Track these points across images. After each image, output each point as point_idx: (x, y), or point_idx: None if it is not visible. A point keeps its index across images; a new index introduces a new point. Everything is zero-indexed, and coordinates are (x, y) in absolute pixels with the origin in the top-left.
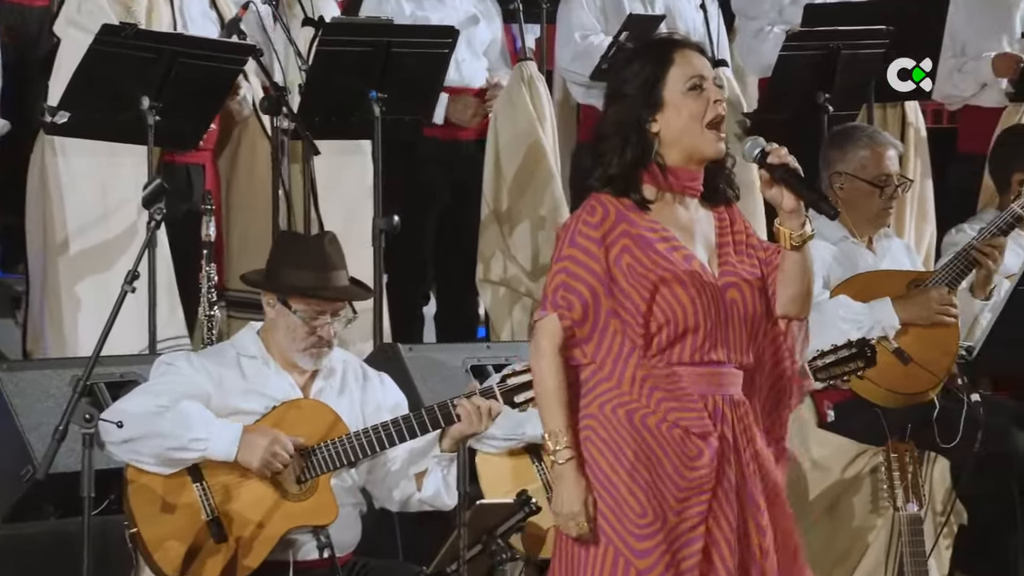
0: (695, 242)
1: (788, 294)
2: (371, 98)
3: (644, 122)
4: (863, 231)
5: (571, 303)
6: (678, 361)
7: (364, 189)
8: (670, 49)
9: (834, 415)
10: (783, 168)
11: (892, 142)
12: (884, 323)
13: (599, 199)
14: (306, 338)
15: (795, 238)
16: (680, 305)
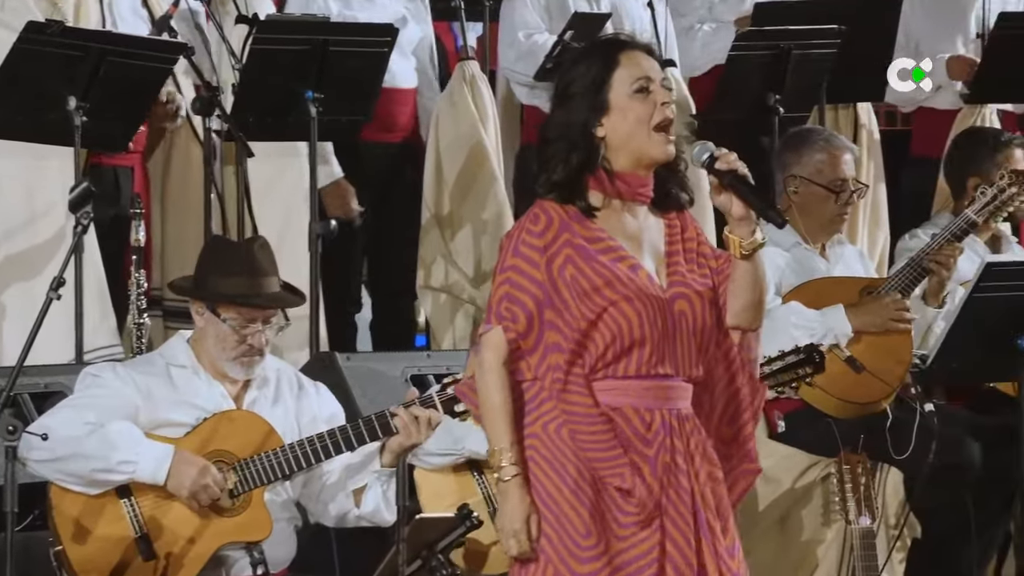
0: (643, 251)
1: (739, 304)
2: (307, 98)
3: (590, 126)
4: (816, 237)
5: (515, 315)
6: (624, 375)
7: (302, 192)
8: (616, 50)
9: (784, 425)
10: (731, 174)
11: (848, 146)
12: (837, 330)
13: (543, 207)
14: (236, 347)
15: (745, 246)
16: (625, 318)
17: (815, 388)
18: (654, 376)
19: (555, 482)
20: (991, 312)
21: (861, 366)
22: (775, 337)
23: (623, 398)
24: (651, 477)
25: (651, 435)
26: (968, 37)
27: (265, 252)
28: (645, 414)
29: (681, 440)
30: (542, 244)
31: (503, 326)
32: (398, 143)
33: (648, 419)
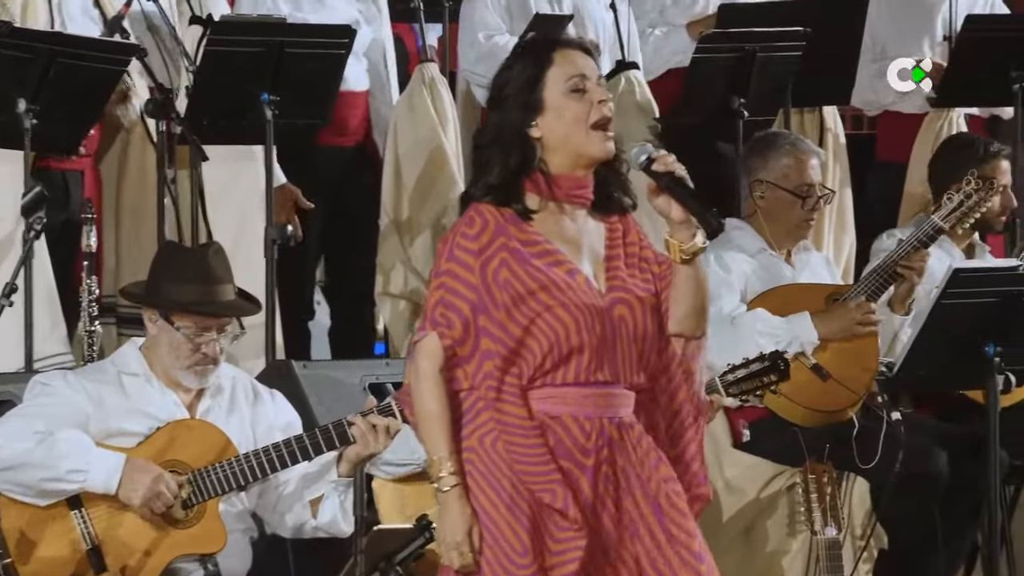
0: (581, 255)
1: (681, 310)
2: (263, 101)
3: (525, 127)
4: (782, 243)
5: (451, 321)
6: (563, 382)
7: (258, 197)
8: (549, 49)
9: (749, 434)
10: (669, 176)
11: (815, 150)
12: (803, 338)
13: (478, 209)
14: (190, 355)
15: (685, 250)
16: (561, 324)
17: (780, 397)
18: (593, 383)
19: (491, 498)
20: (958, 319)
21: (827, 374)
22: (740, 345)
23: (562, 407)
24: (588, 488)
25: (590, 445)
26: (935, 40)
27: (219, 258)
28: (585, 423)
29: (624, 449)
30: (477, 247)
31: (438, 332)
32: (351, 147)
33: (588, 428)
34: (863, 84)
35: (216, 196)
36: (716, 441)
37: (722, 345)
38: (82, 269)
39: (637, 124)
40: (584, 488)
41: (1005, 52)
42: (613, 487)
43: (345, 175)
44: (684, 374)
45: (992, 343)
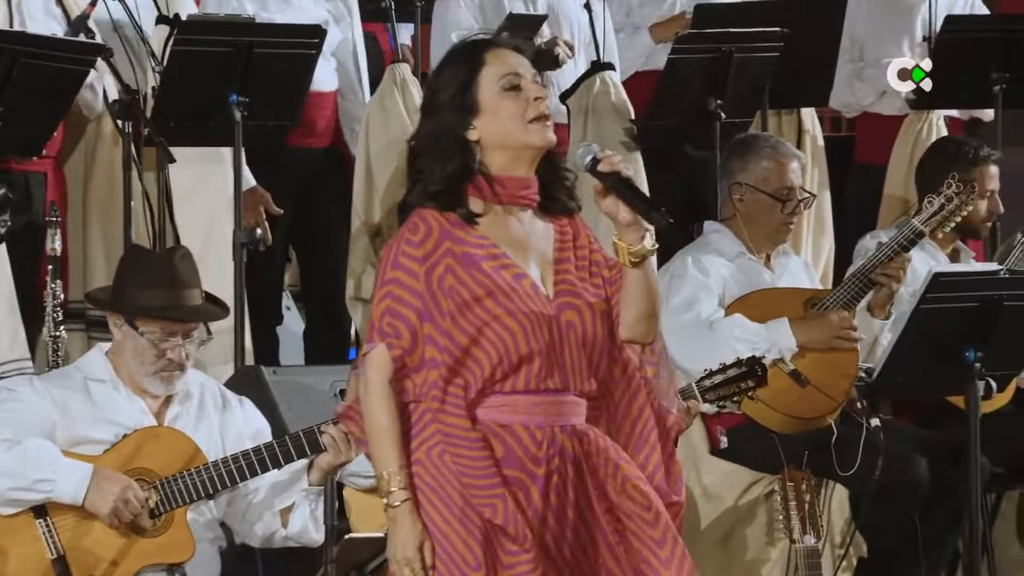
0: (528, 259)
1: (632, 315)
2: (231, 102)
3: (461, 130)
4: (761, 247)
5: (398, 330)
6: (512, 390)
7: (226, 200)
8: (481, 51)
9: (727, 441)
10: (615, 177)
11: (795, 154)
12: (781, 345)
13: (422, 215)
14: (155, 362)
15: (634, 253)
16: (509, 333)
17: (759, 403)
18: (543, 391)
19: (442, 512)
20: (939, 323)
21: (806, 380)
22: (718, 351)
23: (512, 415)
24: (539, 499)
25: (541, 454)
26: (914, 41)
27: (186, 262)
28: (536, 432)
29: (576, 459)
30: (422, 254)
31: (386, 343)
32: (321, 148)
33: (539, 437)
34: (841, 86)
35: (184, 199)
36: (694, 448)
37: (700, 350)
38: (46, 273)
39: (612, 126)
40: (535, 498)
41: (985, 53)
42: (566, 497)
43: (314, 177)
44: (642, 380)
45: (973, 348)
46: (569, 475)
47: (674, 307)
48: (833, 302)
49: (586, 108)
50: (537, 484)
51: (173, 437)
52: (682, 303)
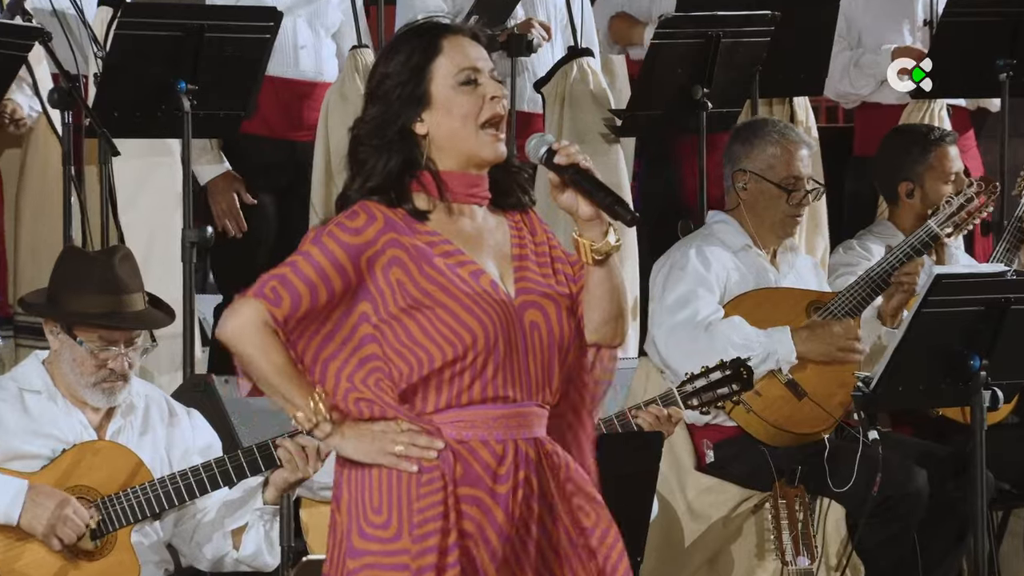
0: (483, 255)
1: (597, 317)
2: (180, 90)
3: (408, 123)
4: (767, 240)
5: (279, 296)
6: (468, 402)
7: (175, 196)
8: (438, 36)
9: (714, 455)
10: (573, 168)
11: (805, 140)
12: (780, 355)
13: (365, 205)
14: (95, 372)
15: (596, 250)
16: (467, 330)
17: (750, 413)
18: (503, 402)
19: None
20: (942, 329)
21: (803, 392)
22: (712, 355)
23: (469, 430)
24: (504, 518)
25: (504, 470)
26: (915, 25)
27: (127, 264)
28: (496, 446)
29: (543, 473)
30: (359, 241)
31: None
32: (308, 143)
33: (500, 452)
34: (837, 74)
35: (128, 195)
36: (678, 462)
37: (693, 353)
38: None
39: (591, 116)
40: (499, 518)
41: (990, 38)
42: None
43: (299, 172)
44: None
45: (977, 355)
46: (536, 489)
47: (670, 303)
48: (838, 308)
49: (562, 97)
50: (501, 503)
51: (115, 452)
52: (679, 299)
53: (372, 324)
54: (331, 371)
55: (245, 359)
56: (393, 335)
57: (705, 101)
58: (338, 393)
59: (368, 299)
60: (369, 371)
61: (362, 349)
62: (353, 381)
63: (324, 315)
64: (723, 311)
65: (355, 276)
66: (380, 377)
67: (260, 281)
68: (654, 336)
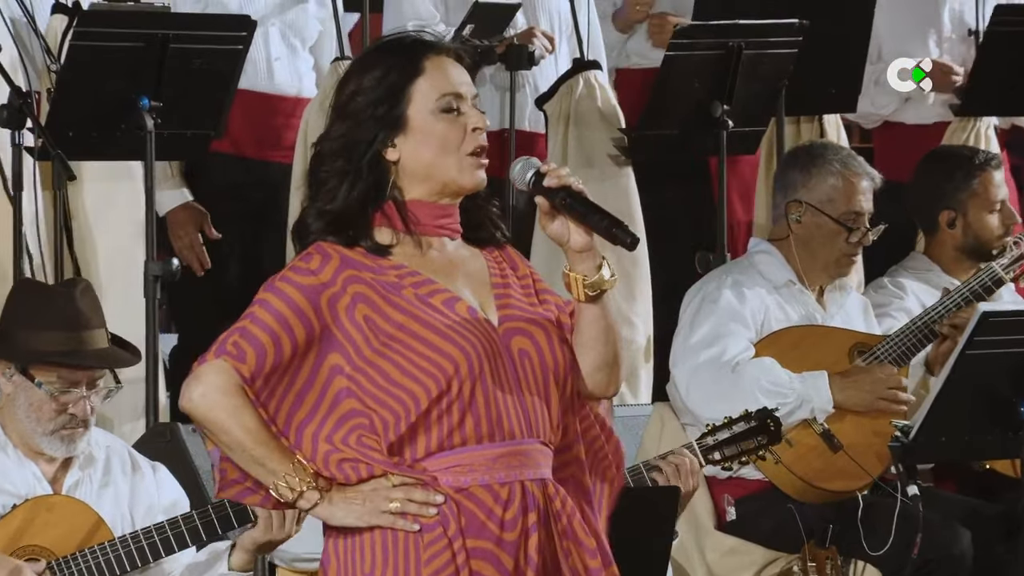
0: (458, 283)
1: (588, 362)
2: (142, 107)
3: (379, 147)
4: (815, 278)
5: (243, 352)
6: (462, 443)
7: (137, 224)
8: (419, 55)
9: (736, 513)
10: (564, 192)
11: (869, 172)
12: (815, 403)
13: (320, 247)
14: (55, 417)
15: (589, 286)
16: (447, 359)
17: (779, 465)
18: (501, 438)
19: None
20: (988, 372)
21: (839, 444)
22: (738, 400)
23: (467, 474)
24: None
25: (511, 515)
26: (942, 35)
27: (87, 298)
28: (500, 489)
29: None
30: (314, 282)
31: (224, 359)
32: (288, 164)
33: (505, 495)
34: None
35: (85, 223)
36: (696, 521)
37: (717, 396)
38: None
39: (599, 136)
40: (509, 568)
41: None
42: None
43: (272, 197)
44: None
45: None
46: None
47: (696, 340)
48: (885, 353)
49: (567, 115)
50: (509, 552)
51: (71, 508)
52: (706, 336)
53: (346, 375)
54: (307, 435)
55: (215, 427)
56: (370, 382)
57: (725, 119)
58: (318, 458)
59: (337, 349)
60: (350, 429)
61: (339, 407)
62: (333, 442)
63: (291, 371)
64: (754, 351)
65: (317, 321)
66: (363, 433)
67: (218, 341)
68: (675, 377)
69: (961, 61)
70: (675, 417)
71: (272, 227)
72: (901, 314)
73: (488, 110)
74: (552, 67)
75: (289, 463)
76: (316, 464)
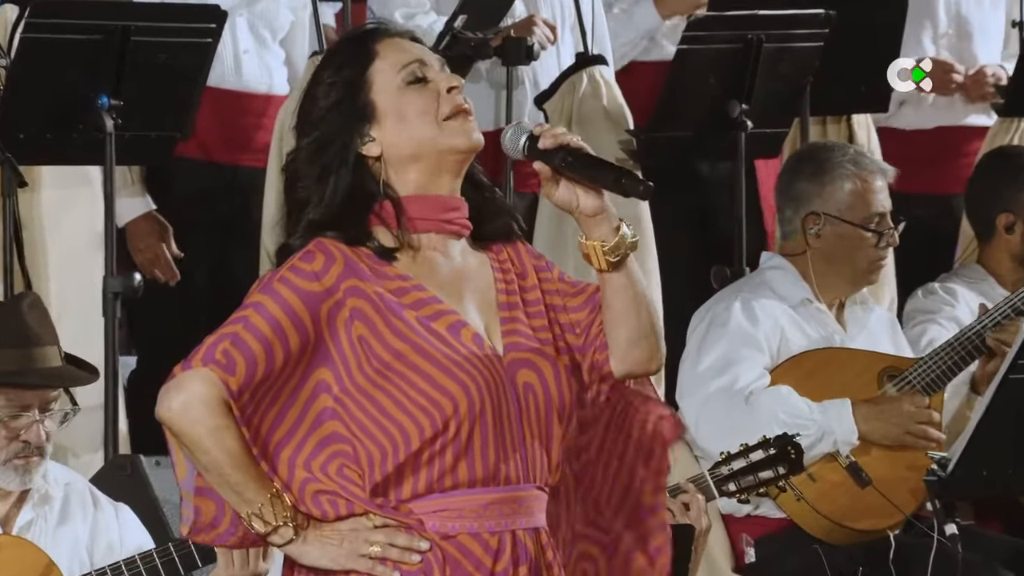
0: (465, 303)
1: (623, 339)
2: (101, 106)
3: (355, 144)
4: (835, 291)
5: (233, 362)
6: (453, 486)
7: (95, 235)
8: (369, 41)
9: (755, 554)
10: (563, 152)
11: (880, 167)
12: (838, 435)
13: (322, 244)
14: (6, 446)
15: (610, 251)
16: (447, 396)
17: (801, 502)
18: (496, 483)
19: None
20: None
21: (867, 479)
22: (751, 432)
23: (456, 520)
24: None
25: (501, 567)
26: (937, 31)
27: (36, 312)
28: (490, 539)
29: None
30: (317, 288)
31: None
32: (260, 168)
33: (495, 545)
34: None
35: (38, 233)
36: (712, 563)
37: (728, 429)
38: None
39: (605, 137)
40: None
41: None
42: None
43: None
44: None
45: None
46: None
47: (704, 368)
48: (918, 376)
49: (569, 114)
50: None
51: (20, 550)
52: (716, 363)
53: (333, 396)
54: (283, 459)
55: (193, 444)
56: (360, 410)
57: (744, 120)
58: (294, 485)
59: (328, 365)
60: (331, 455)
61: (321, 427)
62: (311, 468)
63: (279, 382)
64: (769, 378)
65: (313, 333)
66: (344, 463)
67: (206, 345)
68: (683, 409)
69: (959, 58)
70: (687, 446)
71: (243, 238)
72: (950, 323)
73: (483, 110)
74: (554, 61)
75: (267, 493)
76: (292, 493)
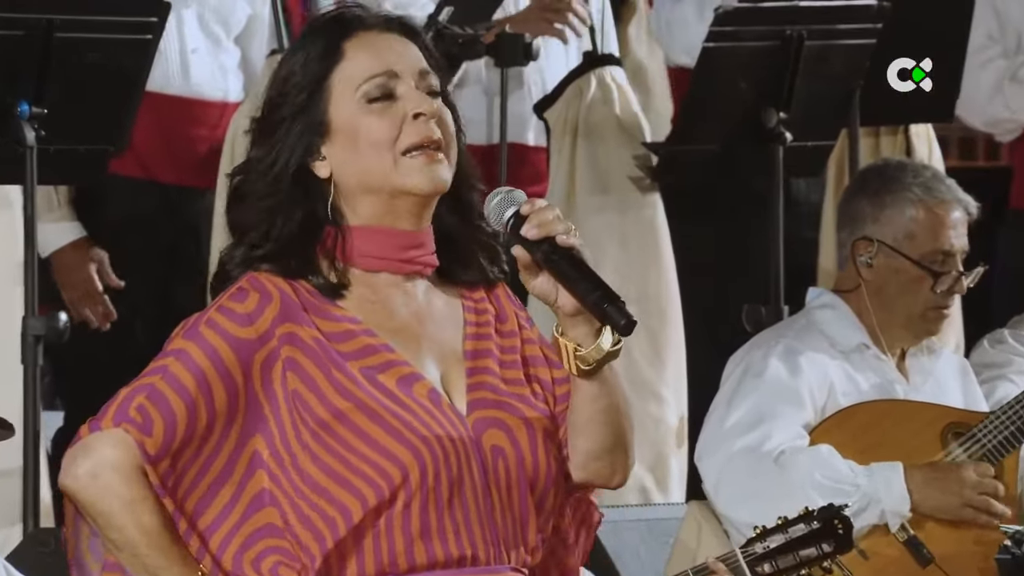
0: (422, 353)
1: (583, 448)
2: (21, 115)
3: (303, 163)
4: (896, 338)
5: (149, 421)
6: (408, 568)
7: (13, 265)
8: (340, 35)
9: None
10: (548, 246)
11: (960, 199)
12: (885, 505)
13: (256, 281)
14: None
15: (582, 358)
16: (394, 463)
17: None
18: (462, 566)
19: None
20: None
21: (929, 555)
22: (783, 499)
23: None
24: None
25: None
26: None
27: None
28: None
29: None
30: (249, 336)
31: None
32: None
33: None
34: (985, 94)
35: None
36: None
37: (753, 495)
38: None
39: (617, 152)
40: None
41: None
42: None
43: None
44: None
45: None
46: None
47: (732, 425)
48: (988, 434)
49: (575, 125)
50: None
51: None
52: (744, 419)
53: (269, 473)
54: (214, 544)
55: (103, 519)
56: (292, 487)
57: (781, 131)
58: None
59: (261, 430)
60: (265, 549)
61: (258, 515)
62: (242, 563)
63: (207, 449)
64: (808, 439)
65: (244, 385)
66: (280, 560)
67: (118, 400)
68: (703, 470)
69: None
70: (715, 519)
71: (188, 271)
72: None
73: (475, 119)
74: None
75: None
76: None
